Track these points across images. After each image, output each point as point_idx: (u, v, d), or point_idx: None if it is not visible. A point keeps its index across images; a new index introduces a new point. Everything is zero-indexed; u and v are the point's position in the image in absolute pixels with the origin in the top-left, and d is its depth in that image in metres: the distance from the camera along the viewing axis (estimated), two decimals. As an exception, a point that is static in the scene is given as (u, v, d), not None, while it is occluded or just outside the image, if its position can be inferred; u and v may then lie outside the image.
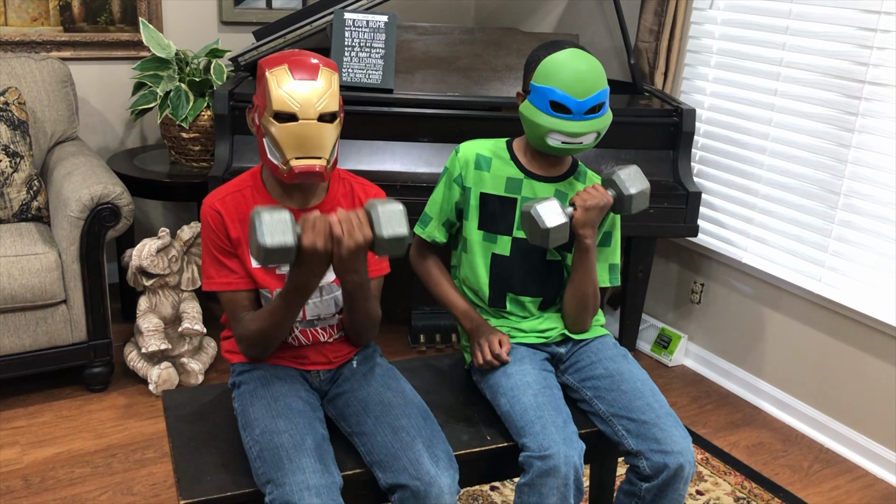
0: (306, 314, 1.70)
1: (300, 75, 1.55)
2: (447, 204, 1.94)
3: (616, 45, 3.36)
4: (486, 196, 1.90)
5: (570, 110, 1.73)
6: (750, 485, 2.49)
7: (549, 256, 1.91)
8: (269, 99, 1.54)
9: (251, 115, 1.64)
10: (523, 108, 1.82)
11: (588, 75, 1.73)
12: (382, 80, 2.75)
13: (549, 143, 1.78)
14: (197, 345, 2.85)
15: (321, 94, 1.55)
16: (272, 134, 1.55)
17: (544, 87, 1.75)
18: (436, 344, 3.10)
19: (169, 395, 1.89)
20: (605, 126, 1.79)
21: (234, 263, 1.67)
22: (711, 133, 3.04)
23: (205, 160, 3.13)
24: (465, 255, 1.96)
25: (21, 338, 2.57)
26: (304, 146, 1.55)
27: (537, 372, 1.82)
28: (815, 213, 2.71)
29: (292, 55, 1.59)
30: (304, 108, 1.53)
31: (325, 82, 1.56)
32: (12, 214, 2.76)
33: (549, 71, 1.75)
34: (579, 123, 1.75)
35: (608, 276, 1.95)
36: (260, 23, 3.32)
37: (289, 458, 1.51)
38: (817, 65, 2.65)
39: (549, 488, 1.63)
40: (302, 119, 1.54)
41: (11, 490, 2.27)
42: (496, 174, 1.90)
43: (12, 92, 2.80)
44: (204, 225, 1.67)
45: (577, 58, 1.74)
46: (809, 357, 2.79)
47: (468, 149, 1.92)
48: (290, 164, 1.55)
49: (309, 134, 1.54)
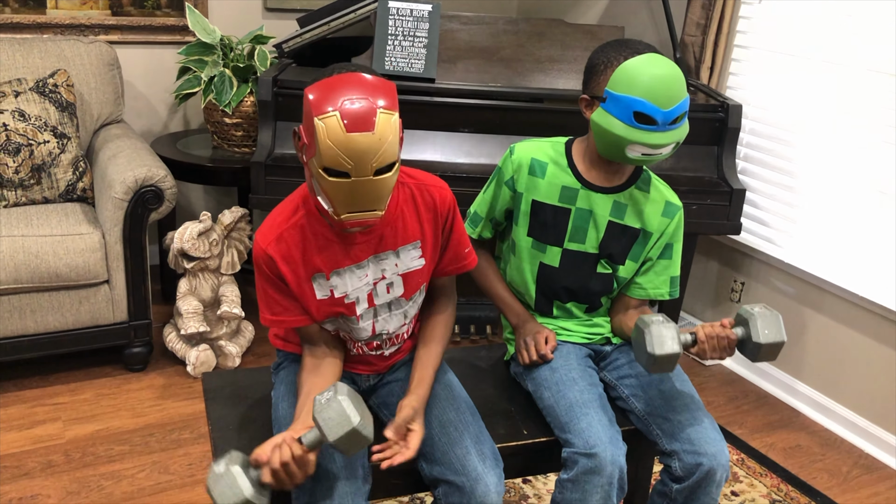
0: (375, 329, 1.65)
1: (354, 127, 1.33)
2: (496, 204, 1.88)
3: (661, 38, 3.31)
4: (539, 204, 1.81)
5: (656, 121, 1.61)
6: (786, 487, 2.45)
7: (599, 269, 1.85)
8: (318, 150, 1.35)
9: (296, 143, 1.45)
10: (598, 116, 1.67)
11: (673, 84, 1.61)
12: (425, 70, 2.74)
13: (628, 155, 1.66)
14: (235, 328, 2.89)
15: (378, 149, 1.34)
16: (322, 185, 1.39)
17: (627, 96, 1.61)
18: (471, 335, 3.10)
19: (208, 378, 1.91)
20: (684, 136, 1.67)
21: (289, 302, 1.57)
22: (757, 130, 2.99)
23: (247, 145, 3.16)
24: (512, 256, 1.90)
25: (65, 316, 2.62)
26: (357, 203, 1.39)
27: (583, 368, 1.80)
28: (861, 214, 2.66)
29: (344, 93, 1.35)
30: (358, 166, 1.35)
31: (383, 131, 1.35)
32: (58, 195, 2.80)
33: (630, 78, 1.61)
34: (664, 135, 1.63)
35: (668, 289, 1.86)
36: (304, 9, 3.33)
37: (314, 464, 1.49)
38: (868, 61, 2.59)
39: (593, 486, 1.61)
40: (355, 177, 1.36)
41: (53, 464, 2.32)
42: (551, 181, 1.80)
43: (61, 74, 2.84)
44: (256, 263, 1.55)
45: (659, 64, 1.62)
46: (851, 360, 2.74)
47: (523, 151, 1.81)
48: (342, 217, 1.41)
49: (363, 191, 1.38)
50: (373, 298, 1.60)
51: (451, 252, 1.66)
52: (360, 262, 1.56)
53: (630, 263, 1.84)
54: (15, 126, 2.71)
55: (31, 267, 2.51)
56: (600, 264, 1.84)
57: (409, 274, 1.61)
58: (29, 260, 2.50)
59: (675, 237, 1.84)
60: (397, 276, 1.60)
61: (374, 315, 1.62)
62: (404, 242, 1.59)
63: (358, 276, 1.57)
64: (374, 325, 1.63)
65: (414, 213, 1.59)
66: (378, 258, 1.57)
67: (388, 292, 1.61)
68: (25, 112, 2.73)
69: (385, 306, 1.62)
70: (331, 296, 1.57)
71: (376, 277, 1.59)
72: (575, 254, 1.82)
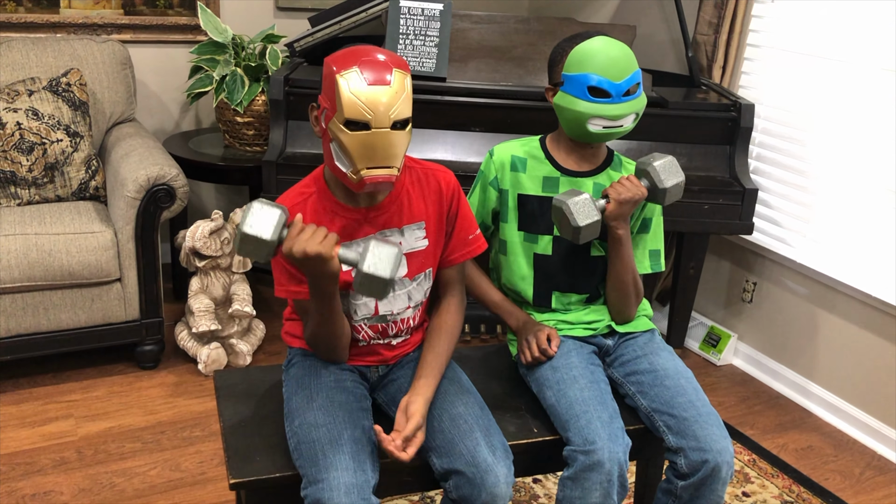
0: (378, 309, 1.66)
1: (373, 79, 1.44)
2: (483, 208, 1.94)
3: (674, 37, 3.30)
4: (525, 197, 1.89)
5: (609, 93, 1.74)
6: (798, 489, 2.44)
7: (593, 252, 1.89)
8: (340, 105, 1.45)
9: (315, 115, 1.55)
10: (558, 99, 1.81)
11: (621, 58, 1.74)
12: (436, 69, 2.75)
13: (590, 130, 1.77)
14: (246, 326, 2.89)
15: (395, 101, 1.45)
16: (342, 141, 1.47)
17: (579, 74, 1.75)
18: (480, 334, 3.10)
19: (220, 376, 1.91)
20: (642, 107, 1.79)
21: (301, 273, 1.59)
22: (769, 129, 2.98)
23: (258, 144, 3.17)
24: (503, 257, 1.95)
25: (77, 314, 2.63)
26: (376, 156, 1.47)
27: (584, 366, 1.81)
28: (875, 214, 2.64)
29: (363, 54, 1.47)
30: (377, 116, 1.44)
31: (399, 86, 1.46)
32: (71, 193, 2.82)
33: (582, 58, 1.75)
34: (619, 106, 1.75)
35: (649, 262, 1.93)
36: (315, 9, 3.34)
37: (323, 454, 1.51)
38: (881, 60, 2.57)
39: (592, 483, 1.63)
40: (374, 128, 1.45)
41: (66, 461, 2.33)
42: (532, 174, 1.89)
43: (74, 73, 2.86)
44: None
45: (607, 44, 1.76)
46: (863, 361, 2.72)
47: (502, 151, 1.91)
48: (361, 173, 1.48)
49: (381, 143, 1.46)
50: None
51: (458, 236, 1.70)
52: (366, 237, 1.60)
53: None
54: (28, 125, 2.72)
55: (44, 265, 2.52)
56: (593, 247, 1.89)
57: (414, 254, 1.66)
58: (42, 258, 2.52)
59: (653, 212, 1.91)
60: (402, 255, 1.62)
61: None
62: (409, 222, 1.64)
63: None
64: (377, 302, 1.66)
65: (420, 194, 1.66)
66: (384, 234, 1.62)
67: None
68: (39, 111, 2.75)
69: None
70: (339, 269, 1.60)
71: None
72: (565, 239, 1.86)
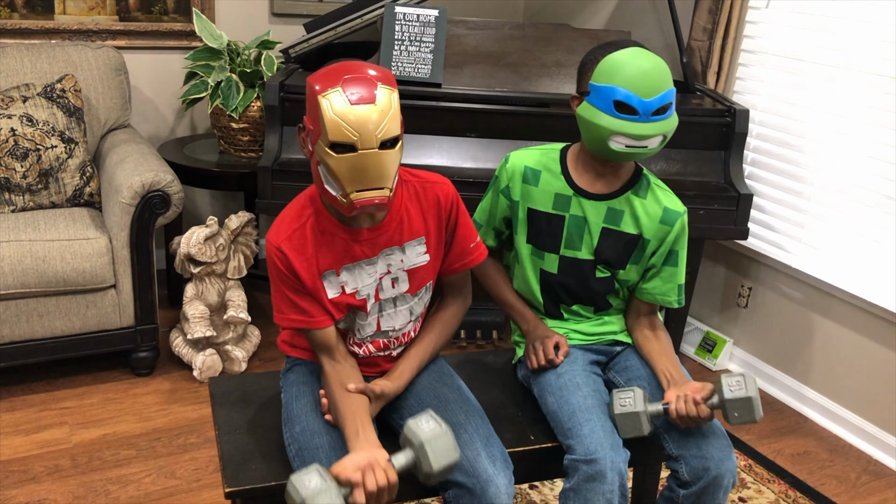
0: (380, 325, 1.65)
1: (357, 98, 1.38)
2: (495, 212, 1.89)
3: (668, 42, 3.31)
4: (534, 212, 1.83)
5: (636, 111, 1.62)
6: (794, 494, 2.44)
7: (598, 274, 1.84)
8: (324, 127, 1.39)
9: (302, 136, 1.50)
10: (581, 109, 1.70)
11: (654, 74, 1.62)
12: (431, 75, 2.75)
13: (611, 148, 1.66)
14: (241, 333, 2.89)
15: (381, 120, 1.39)
16: (329, 165, 1.41)
17: (606, 86, 1.64)
18: (476, 340, 3.09)
19: (215, 382, 1.91)
20: (671, 129, 1.67)
21: (306, 302, 1.56)
22: (764, 135, 2.98)
23: (253, 150, 3.16)
24: (517, 265, 1.91)
25: (72, 320, 2.62)
26: (366, 178, 1.41)
27: (587, 374, 1.80)
28: (870, 219, 2.65)
29: (345, 71, 1.41)
30: (363, 137, 1.38)
31: (386, 103, 1.40)
32: (66, 199, 2.81)
33: (611, 69, 1.63)
34: (646, 125, 1.63)
35: (676, 297, 1.84)
36: (311, 15, 3.34)
37: (327, 461, 1.50)
38: (876, 67, 2.58)
39: (594, 494, 1.61)
40: (361, 149, 1.39)
41: (60, 469, 2.32)
42: (544, 189, 1.81)
43: (69, 79, 2.85)
44: (270, 263, 1.56)
45: (640, 56, 1.64)
46: (859, 366, 2.73)
47: (518, 160, 1.83)
48: (351, 196, 1.42)
49: (370, 165, 1.40)
50: (378, 293, 1.62)
51: (458, 247, 1.68)
52: (367, 258, 1.59)
53: (632, 268, 1.83)
54: (23, 131, 2.71)
55: (39, 271, 2.51)
56: (598, 269, 1.84)
57: (415, 269, 1.64)
58: (36, 264, 2.51)
59: (679, 244, 1.81)
60: (402, 272, 1.63)
61: (379, 310, 1.64)
62: (409, 238, 1.62)
63: (367, 273, 1.60)
64: (380, 319, 1.65)
65: (418, 209, 1.62)
66: (384, 254, 1.60)
67: (393, 287, 1.63)
68: (33, 117, 2.74)
69: (390, 301, 1.64)
70: (342, 292, 1.59)
71: (382, 272, 1.61)
72: (571, 260, 1.83)
